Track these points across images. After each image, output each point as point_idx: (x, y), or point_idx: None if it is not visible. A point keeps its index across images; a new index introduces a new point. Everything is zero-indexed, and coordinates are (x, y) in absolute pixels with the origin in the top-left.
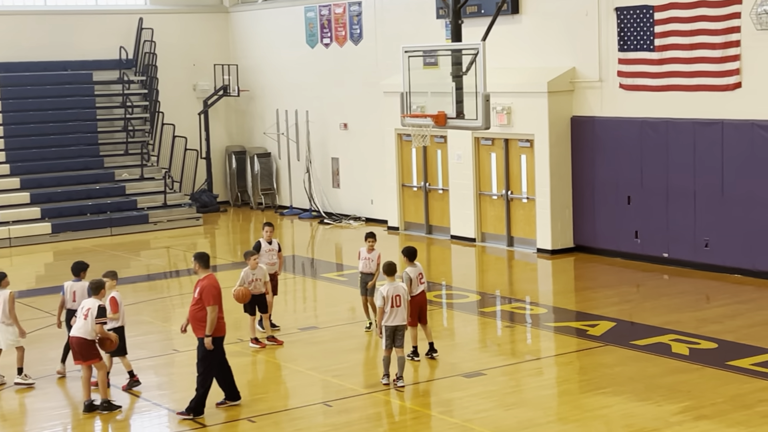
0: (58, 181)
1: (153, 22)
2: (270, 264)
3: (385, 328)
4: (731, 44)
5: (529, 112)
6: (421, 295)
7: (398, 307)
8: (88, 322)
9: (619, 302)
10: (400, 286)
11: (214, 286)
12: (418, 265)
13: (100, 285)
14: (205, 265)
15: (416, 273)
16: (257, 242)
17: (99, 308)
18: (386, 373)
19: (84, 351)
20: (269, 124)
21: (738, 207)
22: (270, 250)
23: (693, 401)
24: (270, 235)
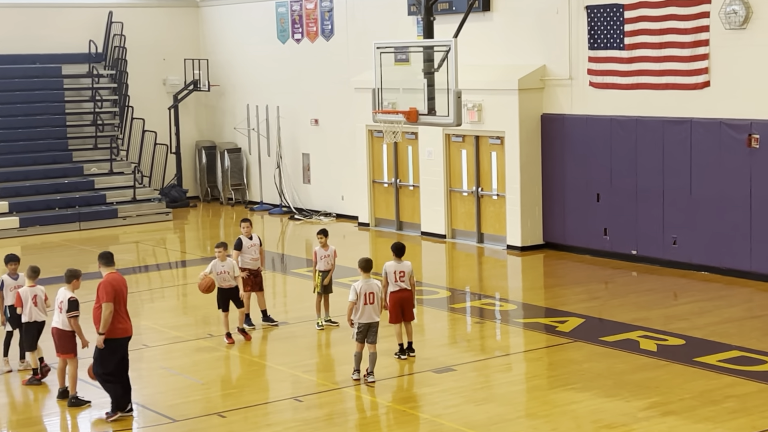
0: (26, 175)
1: (123, 16)
2: (253, 260)
3: (358, 324)
4: (700, 43)
5: (499, 109)
6: (403, 292)
7: (371, 305)
8: (63, 314)
9: (588, 299)
10: (374, 283)
11: (109, 283)
12: (405, 263)
13: (73, 275)
14: (106, 263)
15: (396, 269)
16: (238, 239)
17: (70, 301)
18: (357, 368)
19: (62, 343)
20: (240, 119)
21: (706, 205)
22: (252, 245)
23: (661, 397)
24: (249, 231)
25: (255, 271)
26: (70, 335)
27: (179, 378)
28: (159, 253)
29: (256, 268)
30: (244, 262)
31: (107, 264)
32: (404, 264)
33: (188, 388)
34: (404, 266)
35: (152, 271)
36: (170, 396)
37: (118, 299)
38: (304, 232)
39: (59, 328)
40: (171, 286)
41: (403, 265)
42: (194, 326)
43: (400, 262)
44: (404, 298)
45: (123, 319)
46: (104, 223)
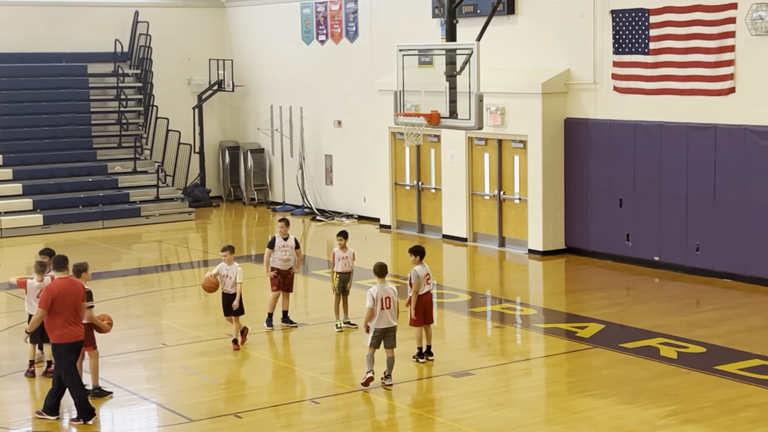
0: (50, 173)
1: (149, 16)
2: (284, 260)
3: (374, 330)
4: (726, 49)
5: (522, 113)
6: (428, 295)
7: (387, 309)
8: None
9: (609, 305)
10: (390, 287)
11: (50, 290)
12: (425, 266)
13: (81, 268)
14: (58, 268)
15: (425, 272)
16: (272, 237)
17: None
18: (371, 369)
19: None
20: (263, 119)
21: (730, 212)
22: (284, 246)
23: (680, 405)
24: (285, 231)
25: (284, 272)
26: (87, 328)
27: (197, 378)
28: (181, 252)
29: (285, 269)
30: (274, 261)
31: (59, 269)
32: (426, 266)
33: (206, 388)
34: (427, 269)
35: (174, 270)
36: (188, 395)
37: (58, 305)
38: (326, 233)
39: None
40: (192, 285)
41: (426, 268)
42: (214, 326)
43: (423, 265)
44: (429, 301)
45: (68, 325)
46: (127, 221)
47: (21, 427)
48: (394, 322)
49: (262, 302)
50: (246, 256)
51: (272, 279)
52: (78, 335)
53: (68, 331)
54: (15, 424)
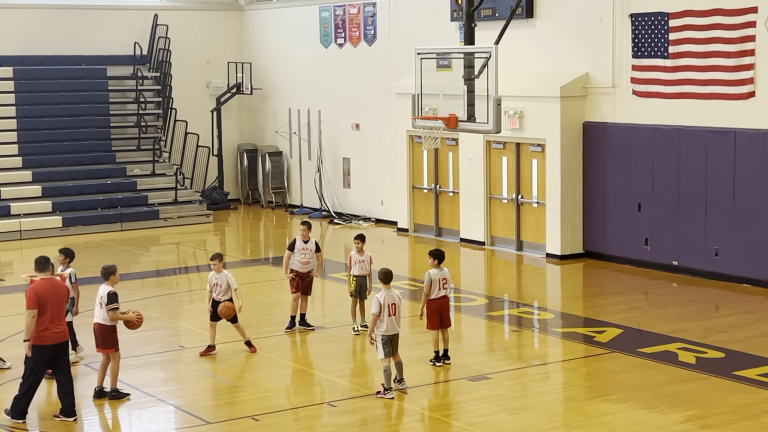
0: (69, 175)
1: (168, 19)
2: (303, 263)
3: (381, 337)
4: (745, 53)
5: (541, 116)
6: (443, 299)
7: (393, 316)
8: (103, 309)
9: (627, 309)
10: (395, 294)
11: (33, 290)
12: (445, 270)
13: (110, 271)
14: (40, 269)
15: (439, 276)
16: (293, 240)
17: (109, 294)
18: (389, 386)
19: (103, 338)
20: (281, 122)
21: (749, 216)
22: (304, 249)
23: (698, 410)
24: (306, 234)
25: (303, 275)
26: (110, 330)
27: (214, 380)
28: (199, 254)
29: (304, 272)
30: (294, 263)
31: (40, 269)
32: (444, 271)
33: (223, 391)
34: (445, 273)
35: (192, 272)
36: (205, 398)
37: (43, 306)
38: (343, 236)
39: (100, 323)
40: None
41: (444, 272)
42: (231, 329)
43: (441, 269)
44: (444, 305)
45: (49, 326)
46: (145, 224)
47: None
48: (399, 329)
49: (281, 305)
50: (264, 258)
51: (291, 281)
52: (58, 338)
53: (48, 333)
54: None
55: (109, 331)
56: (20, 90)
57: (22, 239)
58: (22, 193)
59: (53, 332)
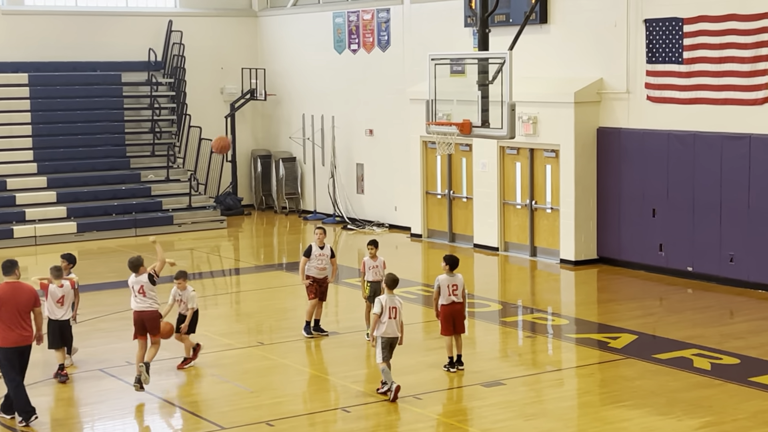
0: (84, 181)
1: (182, 25)
2: (320, 269)
3: (381, 339)
4: (760, 59)
5: (555, 122)
6: (454, 305)
7: (393, 319)
8: (148, 296)
9: (642, 315)
10: (397, 299)
11: None
12: (457, 276)
13: (138, 263)
14: (5, 272)
15: (449, 282)
16: (308, 246)
17: (149, 276)
18: (384, 380)
19: (152, 325)
20: (295, 128)
21: (764, 222)
22: (321, 255)
23: (714, 417)
24: (321, 240)
25: (320, 281)
26: (158, 315)
27: (229, 385)
28: (213, 260)
29: (321, 278)
30: (310, 269)
31: (5, 273)
32: (457, 277)
33: (237, 396)
34: (457, 279)
35: (206, 278)
36: (219, 403)
37: (1, 310)
38: (357, 242)
39: (148, 310)
40: (224, 293)
41: (456, 279)
42: (246, 334)
43: (453, 275)
44: (456, 311)
45: (9, 329)
46: (160, 229)
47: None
48: (399, 333)
49: (295, 310)
50: (277, 264)
51: (309, 287)
52: (20, 341)
53: (9, 335)
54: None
55: (157, 316)
56: (35, 96)
57: (37, 245)
58: (37, 199)
59: (14, 335)
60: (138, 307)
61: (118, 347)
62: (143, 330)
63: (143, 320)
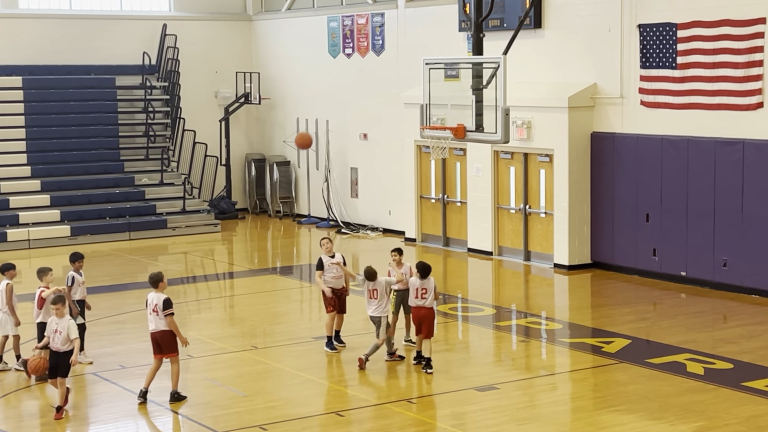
0: (78, 185)
1: (177, 29)
2: (336, 278)
3: (371, 318)
4: (754, 64)
5: (549, 126)
6: (419, 309)
7: (375, 299)
8: (160, 316)
9: (636, 320)
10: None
11: None
12: (429, 281)
13: (158, 278)
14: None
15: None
16: (319, 259)
17: (165, 301)
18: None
19: (165, 343)
20: (289, 132)
21: (757, 227)
22: (333, 263)
23: (707, 421)
24: (330, 248)
25: (339, 291)
26: (171, 335)
27: (223, 389)
28: (207, 264)
29: (339, 287)
30: (327, 281)
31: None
32: (429, 281)
33: (231, 400)
34: (428, 283)
35: (200, 282)
36: (213, 407)
37: None
38: (351, 246)
39: (162, 330)
40: (218, 297)
41: (428, 282)
42: (239, 338)
43: (426, 279)
44: (423, 315)
45: None
46: (154, 233)
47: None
48: (383, 313)
49: (288, 314)
50: (271, 268)
51: (328, 300)
52: None
53: None
54: None
55: (171, 336)
56: (29, 99)
57: (31, 248)
58: (30, 202)
59: None
60: (151, 328)
61: (112, 351)
62: (159, 349)
63: (157, 340)
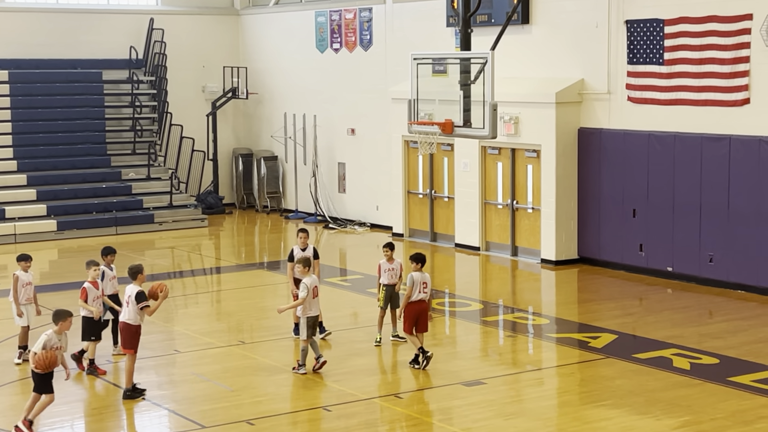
0: (64, 179)
1: (164, 23)
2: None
3: (307, 318)
4: (740, 60)
5: (536, 122)
6: (421, 303)
7: (316, 297)
8: (131, 308)
9: (622, 315)
10: (315, 278)
11: None
12: (425, 274)
13: (137, 270)
14: None
15: (421, 279)
16: (291, 250)
17: (137, 294)
18: (303, 363)
19: (125, 337)
20: (277, 127)
21: (743, 223)
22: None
23: (693, 416)
24: (305, 242)
25: None
26: (135, 330)
27: (209, 384)
28: (194, 259)
29: None
30: (297, 273)
31: None
32: (425, 275)
33: (218, 395)
34: (426, 277)
35: (187, 276)
36: (200, 402)
37: None
38: (338, 241)
39: (126, 323)
40: (205, 292)
41: (425, 276)
42: (226, 333)
43: (423, 273)
44: (422, 309)
45: None
46: (140, 228)
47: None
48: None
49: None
50: (259, 263)
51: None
52: None
53: None
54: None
55: (133, 331)
56: (16, 93)
57: (17, 243)
58: (17, 197)
59: None
60: (122, 318)
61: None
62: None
63: (121, 330)
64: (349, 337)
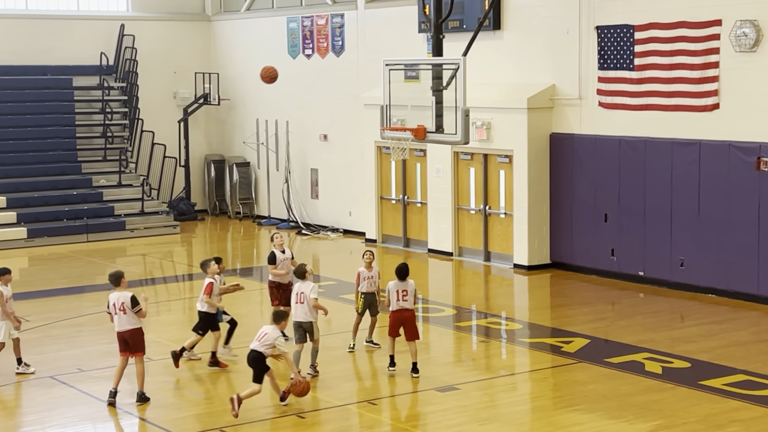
0: (35, 186)
1: (135, 29)
2: (285, 274)
3: (293, 323)
4: (710, 65)
5: (508, 127)
6: (403, 312)
7: (301, 304)
8: (130, 314)
9: (594, 319)
10: (305, 284)
11: None
12: (408, 282)
13: (118, 276)
14: None
15: (398, 288)
16: (271, 253)
17: (131, 299)
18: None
19: (135, 342)
20: (249, 133)
21: (714, 227)
22: (284, 259)
23: (665, 420)
24: (281, 245)
25: (285, 286)
26: (142, 333)
27: (182, 392)
28: (166, 266)
29: (286, 282)
30: (275, 275)
31: None
32: (408, 283)
33: (190, 402)
34: (408, 285)
35: (159, 284)
36: (172, 410)
37: None
38: (312, 247)
39: (132, 329)
40: (177, 299)
41: (407, 285)
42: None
43: (404, 281)
44: (405, 317)
45: None
46: (112, 235)
47: None
48: (310, 318)
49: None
50: (231, 270)
51: (273, 293)
52: None
53: None
54: None
55: (140, 334)
56: None
57: None
58: None
59: None
60: (118, 328)
61: (69, 354)
62: (127, 347)
63: (126, 339)
64: (323, 344)
